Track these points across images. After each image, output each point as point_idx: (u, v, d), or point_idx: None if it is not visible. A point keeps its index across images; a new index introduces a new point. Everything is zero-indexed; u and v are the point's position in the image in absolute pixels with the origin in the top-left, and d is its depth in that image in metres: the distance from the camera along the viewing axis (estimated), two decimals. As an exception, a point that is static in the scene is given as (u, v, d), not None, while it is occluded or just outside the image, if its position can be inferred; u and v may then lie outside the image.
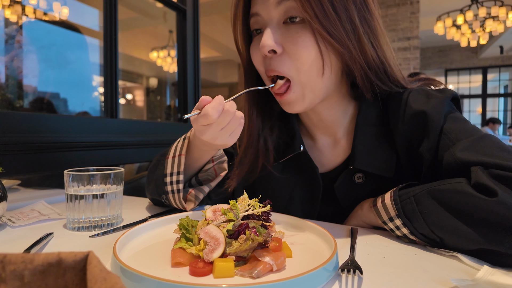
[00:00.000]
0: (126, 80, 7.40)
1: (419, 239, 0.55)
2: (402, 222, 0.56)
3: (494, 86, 10.62)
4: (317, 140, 0.79)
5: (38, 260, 0.23)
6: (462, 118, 0.63)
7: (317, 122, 0.77)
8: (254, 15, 0.66)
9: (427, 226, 0.53)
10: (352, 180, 0.70)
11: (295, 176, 0.77)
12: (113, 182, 0.67)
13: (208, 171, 0.76)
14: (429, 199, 0.53)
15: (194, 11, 2.00)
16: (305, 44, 0.61)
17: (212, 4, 6.30)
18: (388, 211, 0.58)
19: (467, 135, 0.58)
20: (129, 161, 1.55)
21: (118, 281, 0.22)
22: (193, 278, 0.42)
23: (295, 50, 0.61)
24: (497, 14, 5.54)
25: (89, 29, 2.65)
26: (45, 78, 1.85)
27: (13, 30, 1.55)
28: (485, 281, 0.40)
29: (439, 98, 0.64)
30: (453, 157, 0.56)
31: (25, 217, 0.71)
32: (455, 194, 0.51)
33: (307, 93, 0.65)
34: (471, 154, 0.54)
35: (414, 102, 0.65)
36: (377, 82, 0.67)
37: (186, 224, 0.51)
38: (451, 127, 0.61)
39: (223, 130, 0.58)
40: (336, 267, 0.45)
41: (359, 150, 0.68)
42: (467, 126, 0.61)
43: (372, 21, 0.65)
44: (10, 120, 1.04)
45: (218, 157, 0.76)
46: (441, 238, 0.52)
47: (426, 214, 0.53)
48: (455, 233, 0.50)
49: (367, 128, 0.69)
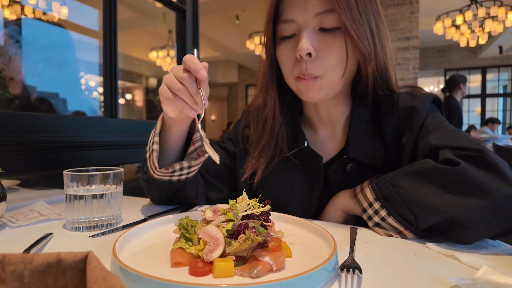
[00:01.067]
0: (126, 80, 7.39)
1: (395, 219, 0.61)
2: (380, 205, 0.62)
3: (493, 86, 10.63)
4: (318, 132, 0.86)
5: (37, 260, 0.23)
6: (441, 117, 0.73)
7: (323, 116, 0.84)
8: (289, 21, 0.72)
9: (403, 204, 0.60)
10: (345, 169, 0.77)
11: (296, 169, 0.81)
12: (113, 182, 0.67)
13: (191, 155, 0.76)
14: (403, 180, 0.61)
15: (194, 11, 2.00)
16: (338, 49, 0.70)
17: (212, 4, 6.30)
18: (367, 197, 0.65)
19: (442, 128, 0.69)
20: (129, 161, 1.55)
21: (118, 281, 0.22)
22: (192, 278, 0.42)
23: (329, 53, 0.70)
24: (496, 14, 5.55)
25: (88, 29, 2.65)
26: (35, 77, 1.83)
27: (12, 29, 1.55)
28: (484, 280, 0.40)
29: (423, 98, 0.75)
30: (427, 143, 0.66)
31: (24, 217, 0.71)
32: (425, 170, 0.60)
33: (326, 88, 0.73)
34: (442, 140, 0.64)
35: (402, 100, 0.76)
36: (377, 87, 0.77)
37: (185, 224, 0.51)
38: (430, 121, 0.71)
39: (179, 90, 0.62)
40: (335, 266, 0.45)
41: (353, 142, 0.76)
42: (443, 123, 0.71)
43: (382, 30, 0.75)
44: (8, 120, 1.04)
45: (198, 139, 0.75)
46: (415, 215, 0.59)
47: (401, 194, 0.60)
48: (427, 205, 0.57)
49: (360, 123, 0.78)
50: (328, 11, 0.68)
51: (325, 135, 0.85)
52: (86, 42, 2.62)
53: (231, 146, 0.94)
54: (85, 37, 2.63)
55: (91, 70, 2.63)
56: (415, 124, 0.71)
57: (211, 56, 9.65)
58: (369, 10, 0.70)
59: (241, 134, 0.92)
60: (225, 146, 0.94)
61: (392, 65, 0.79)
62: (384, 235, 0.63)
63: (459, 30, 6.14)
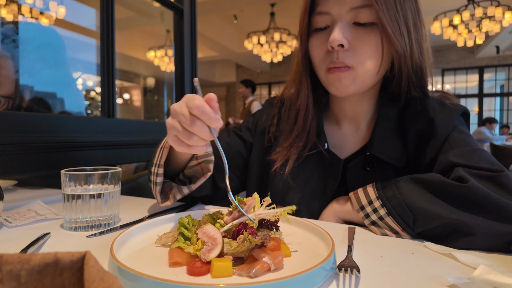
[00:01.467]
0: (123, 79, 7.37)
1: (394, 219, 0.60)
2: (381, 203, 0.62)
3: (491, 85, 10.67)
4: (342, 127, 0.86)
5: (35, 260, 0.23)
6: (467, 132, 0.72)
7: (348, 112, 0.84)
8: (323, 14, 0.73)
9: (405, 205, 0.59)
10: (364, 166, 0.77)
11: (313, 167, 0.81)
12: (110, 182, 0.67)
13: (194, 168, 0.75)
14: (408, 183, 0.62)
15: (192, 11, 2.00)
16: (372, 43, 0.70)
17: (210, 3, 6.29)
18: (369, 195, 0.65)
19: (465, 145, 0.68)
20: (127, 161, 1.55)
21: (116, 281, 0.22)
22: (190, 278, 0.42)
23: (362, 46, 0.70)
24: (493, 14, 5.57)
25: (86, 29, 2.64)
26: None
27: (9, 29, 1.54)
28: (481, 279, 0.40)
29: (452, 110, 0.74)
30: (446, 159, 0.66)
31: (21, 217, 0.71)
32: (432, 180, 0.60)
33: (359, 81, 0.73)
34: (461, 158, 0.64)
35: (431, 107, 0.75)
36: (412, 87, 0.76)
37: (186, 223, 0.51)
38: (456, 136, 0.70)
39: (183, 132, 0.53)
40: (333, 266, 0.45)
41: (377, 140, 0.75)
42: (468, 140, 0.69)
43: (420, 29, 0.74)
44: (6, 120, 1.04)
45: (203, 155, 0.73)
46: (415, 217, 0.58)
47: (404, 196, 0.60)
48: (429, 211, 0.57)
49: (386, 122, 0.77)
50: (364, 6, 0.68)
51: (348, 130, 0.85)
52: (84, 41, 2.61)
53: (248, 136, 0.92)
54: (82, 36, 2.62)
55: (88, 70, 2.62)
56: (439, 136, 0.70)
57: (209, 56, 9.63)
58: (407, 7, 0.70)
59: (267, 125, 0.90)
60: (242, 135, 0.92)
61: (429, 65, 0.77)
62: (379, 234, 0.63)
63: (457, 30, 6.17)
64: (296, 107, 0.83)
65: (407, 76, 0.74)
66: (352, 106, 0.83)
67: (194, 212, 0.66)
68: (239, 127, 0.95)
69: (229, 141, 0.91)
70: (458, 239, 0.56)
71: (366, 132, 0.83)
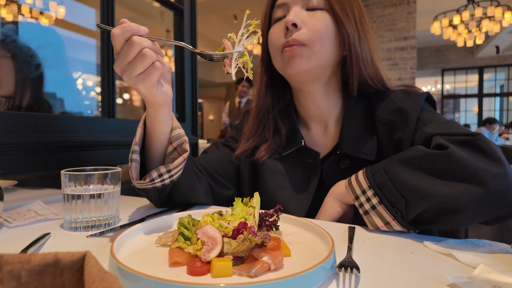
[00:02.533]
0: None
1: (385, 208, 0.61)
2: (373, 192, 0.63)
3: (490, 85, 10.68)
4: (311, 129, 0.89)
5: (35, 261, 0.23)
6: (435, 112, 0.77)
7: (313, 111, 0.87)
8: (281, 6, 0.81)
9: (396, 190, 0.61)
10: (338, 165, 0.80)
11: (293, 167, 0.84)
12: (110, 182, 0.67)
13: (171, 155, 0.72)
14: (396, 166, 0.63)
15: (191, 11, 2.00)
16: (323, 22, 0.77)
17: (210, 3, 6.30)
18: (361, 184, 0.66)
19: (437, 120, 0.71)
20: (126, 161, 1.54)
21: (116, 281, 0.22)
22: (191, 278, 0.42)
23: (315, 24, 0.76)
24: (493, 14, 5.58)
25: (86, 29, 2.64)
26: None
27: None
28: (481, 278, 0.40)
29: (417, 95, 0.78)
30: (423, 133, 0.69)
31: (21, 217, 0.71)
32: (416, 156, 0.61)
33: (313, 59, 0.77)
34: (436, 129, 0.67)
35: (396, 97, 0.79)
36: (368, 78, 0.80)
37: (186, 223, 0.51)
38: (425, 115, 0.74)
39: (129, 65, 0.55)
40: (333, 265, 0.45)
41: (346, 138, 0.79)
42: (438, 116, 0.74)
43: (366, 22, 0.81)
44: (5, 120, 1.04)
45: (175, 137, 0.71)
46: (406, 201, 0.59)
47: (394, 180, 0.61)
48: (418, 190, 0.58)
49: (353, 120, 0.80)
50: None
51: (317, 131, 0.88)
52: (84, 41, 2.62)
53: (234, 144, 0.96)
54: (82, 36, 2.62)
55: (88, 69, 2.62)
56: (411, 120, 0.73)
57: (209, 56, 9.63)
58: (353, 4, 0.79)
59: (242, 133, 0.96)
60: (230, 144, 0.96)
61: (379, 59, 0.83)
62: (371, 227, 0.64)
63: (456, 30, 6.17)
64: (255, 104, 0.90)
65: (357, 62, 0.79)
66: (316, 105, 0.85)
67: (194, 212, 0.67)
68: (225, 139, 0.99)
69: (219, 152, 0.95)
70: (449, 217, 0.57)
71: (335, 131, 0.86)
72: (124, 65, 0.55)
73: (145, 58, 0.54)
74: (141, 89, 0.58)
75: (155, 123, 0.68)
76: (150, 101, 0.64)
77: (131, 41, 0.53)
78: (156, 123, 0.68)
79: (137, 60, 0.54)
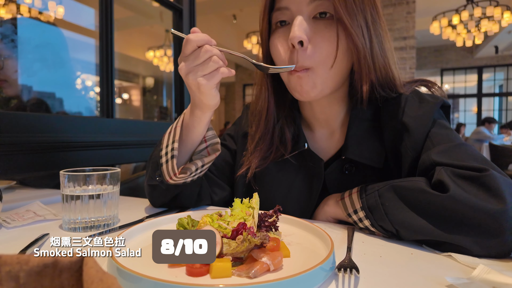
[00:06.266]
0: (122, 79, 7.37)
1: (378, 230, 0.61)
2: (364, 215, 0.62)
3: (489, 85, 10.69)
4: (315, 132, 0.84)
5: (33, 261, 0.23)
6: (447, 126, 0.69)
7: (319, 115, 0.82)
8: (282, 9, 0.71)
9: (387, 218, 0.58)
10: (342, 170, 0.76)
11: (295, 170, 0.80)
12: (109, 183, 0.67)
13: (201, 153, 0.76)
14: (390, 193, 0.60)
15: (191, 11, 2.00)
16: (330, 39, 0.67)
17: (209, 3, 6.29)
18: (354, 204, 0.64)
19: (447, 141, 0.64)
20: (126, 161, 1.54)
21: (115, 281, 0.22)
22: (190, 279, 0.42)
23: (321, 42, 0.67)
24: (492, 14, 5.58)
25: (84, 28, 2.64)
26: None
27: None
28: (480, 279, 0.40)
29: (430, 103, 0.70)
30: (429, 158, 0.62)
31: (20, 218, 0.71)
32: (413, 190, 0.57)
33: (319, 84, 0.70)
34: (444, 157, 0.60)
35: (408, 105, 0.72)
36: (378, 87, 0.72)
37: (186, 223, 0.51)
38: (436, 132, 0.67)
39: (197, 66, 0.62)
40: (333, 266, 0.45)
41: (352, 142, 0.73)
42: (450, 134, 0.67)
43: (380, 25, 0.71)
44: (4, 120, 1.03)
45: (210, 137, 0.76)
46: (397, 230, 0.58)
47: (387, 207, 0.59)
48: (411, 226, 0.55)
49: (360, 123, 0.75)
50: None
51: (322, 135, 0.83)
52: (82, 41, 2.61)
53: (232, 143, 0.93)
54: (81, 36, 2.62)
55: (87, 69, 2.62)
56: (419, 133, 0.67)
57: (208, 56, 9.62)
58: (366, 4, 0.68)
59: (240, 130, 0.91)
60: (226, 143, 0.93)
61: (394, 63, 0.75)
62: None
63: (456, 30, 6.18)
64: (258, 109, 0.82)
65: (369, 74, 0.70)
66: (322, 109, 0.80)
67: (194, 212, 0.66)
68: (222, 137, 0.95)
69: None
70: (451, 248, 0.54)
71: (341, 135, 0.81)
72: (192, 67, 0.62)
73: (214, 63, 0.62)
74: (202, 89, 0.64)
75: (197, 124, 0.72)
76: (203, 103, 0.68)
77: (204, 47, 0.61)
78: (197, 124, 0.72)
79: (206, 63, 0.62)
